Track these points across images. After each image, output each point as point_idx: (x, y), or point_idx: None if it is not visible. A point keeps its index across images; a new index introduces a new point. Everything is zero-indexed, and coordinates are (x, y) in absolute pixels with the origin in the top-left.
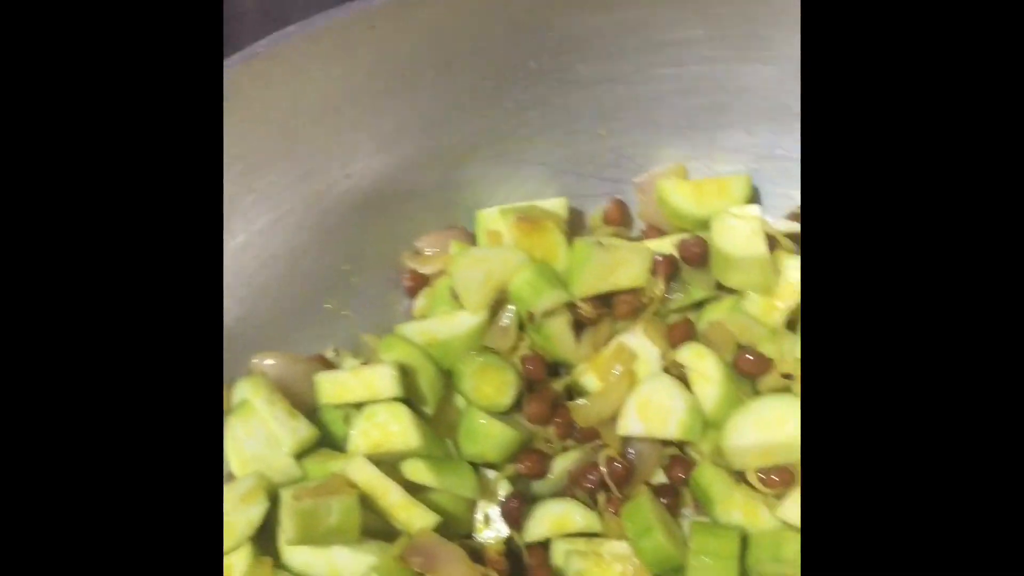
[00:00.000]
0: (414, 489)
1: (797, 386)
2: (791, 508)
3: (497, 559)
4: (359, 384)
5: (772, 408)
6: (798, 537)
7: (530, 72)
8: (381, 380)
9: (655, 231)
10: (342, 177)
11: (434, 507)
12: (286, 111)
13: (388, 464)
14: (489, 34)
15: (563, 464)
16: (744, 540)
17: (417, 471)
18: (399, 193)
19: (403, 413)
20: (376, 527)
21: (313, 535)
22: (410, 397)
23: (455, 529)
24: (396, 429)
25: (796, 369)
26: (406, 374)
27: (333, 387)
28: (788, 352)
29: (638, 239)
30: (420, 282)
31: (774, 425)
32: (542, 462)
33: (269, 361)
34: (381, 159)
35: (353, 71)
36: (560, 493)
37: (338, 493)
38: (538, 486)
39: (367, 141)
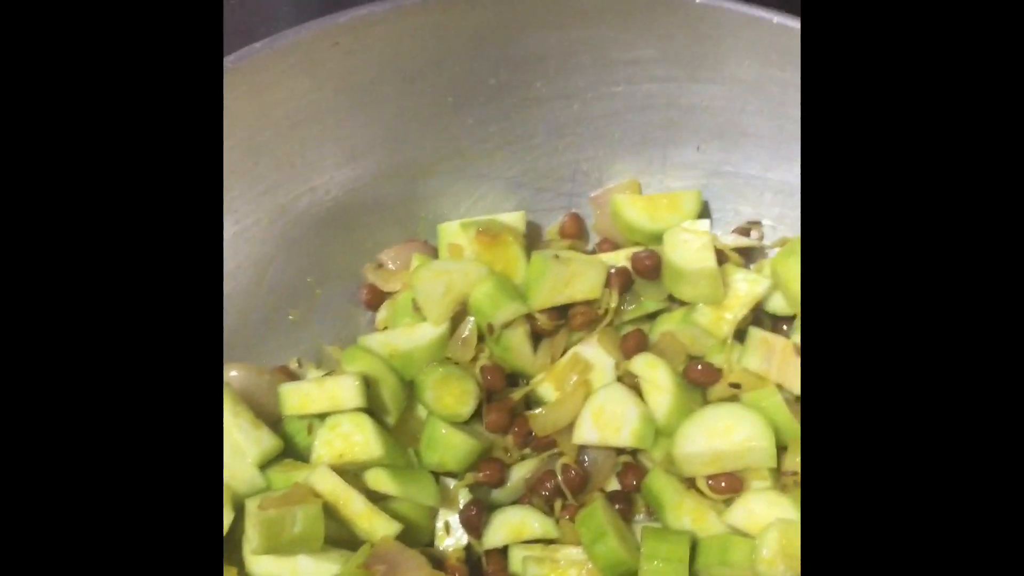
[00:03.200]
0: (376, 498)
1: (745, 395)
2: (738, 514)
3: (457, 566)
4: (323, 395)
5: (721, 417)
6: (745, 542)
7: (490, 88)
8: (345, 391)
9: (609, 244)
10: (306, 190)
11: (396, 516)
12: (252, 125)
13: (350, 474)
14: (450, 51)
15: (521, 472)
16: (693, 545)
17: (379, 480)
18: (362, 206)
19: (366, 423)
20: (339, 536)
21: (278, 544)
22: (372, 407)
23: (417, 538)
24: (359, 439)
25: (743, 379)
26: (369, 385)
27: (297, 398)
28: (736, 362)
29: (593, 252)
30: (378, 296)
31: (723, 433)
32: (501, 470)
33: (233, 372)
34: (345, 173)
35: (318, 87)
36: (518, 501)
37: (302, 503)
38: (497, 494)
39: (331, 155)
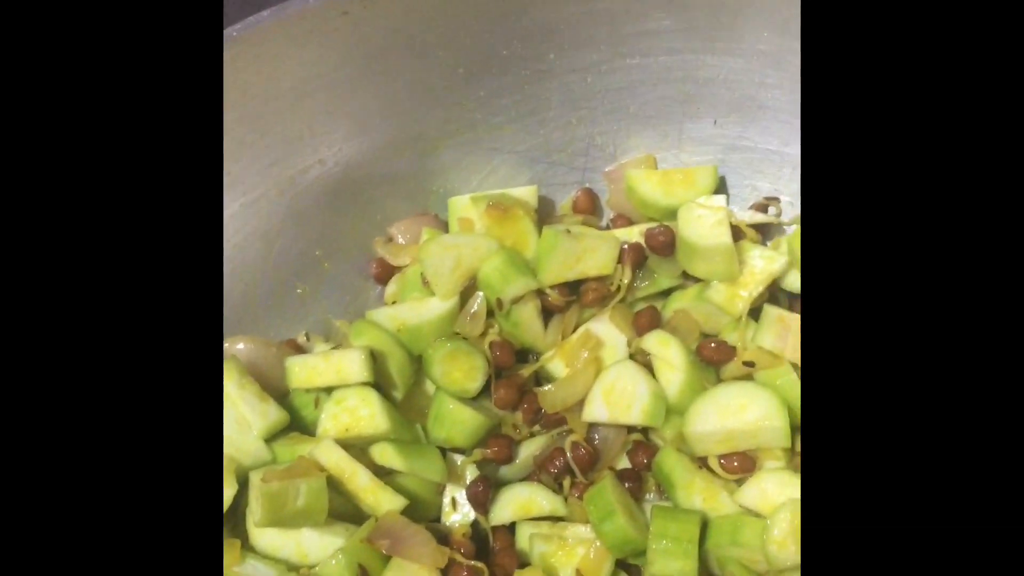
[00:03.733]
0: (382, 473)
1: (759, 374)
2: (750, 493)
3: (463, 541)
4: (329, 368)
5: (734, 395)
6: (756, 522)
7: (502, 60)
8: (351, 365)
9: (623, 220)
10: (315, 162)
11: (402, 491)
12: (260, 96)
13: (357, 448)
14: (461, 21)
15: (529, 449)
16: (704, 524)
17: (385, 455)
18: (371, 179)
19: (373, 398)
20: (344, 510)
21: (281, 517)
22: (380, 382)
23: (422, 513)
24: (365, 413)
25: (758, 357)
26: (376, 359)
27: (304, 371)
28: (750, 340)
29: (607, 228)
30: (387, 270)
31: (735, 412)
32: (509, 447)
33: (240, 345)
34: (353, 145)
35: (326, 57)
36: (526, 478)
37: (306, 476)
38: (505, 471)
39: (340, 127)
